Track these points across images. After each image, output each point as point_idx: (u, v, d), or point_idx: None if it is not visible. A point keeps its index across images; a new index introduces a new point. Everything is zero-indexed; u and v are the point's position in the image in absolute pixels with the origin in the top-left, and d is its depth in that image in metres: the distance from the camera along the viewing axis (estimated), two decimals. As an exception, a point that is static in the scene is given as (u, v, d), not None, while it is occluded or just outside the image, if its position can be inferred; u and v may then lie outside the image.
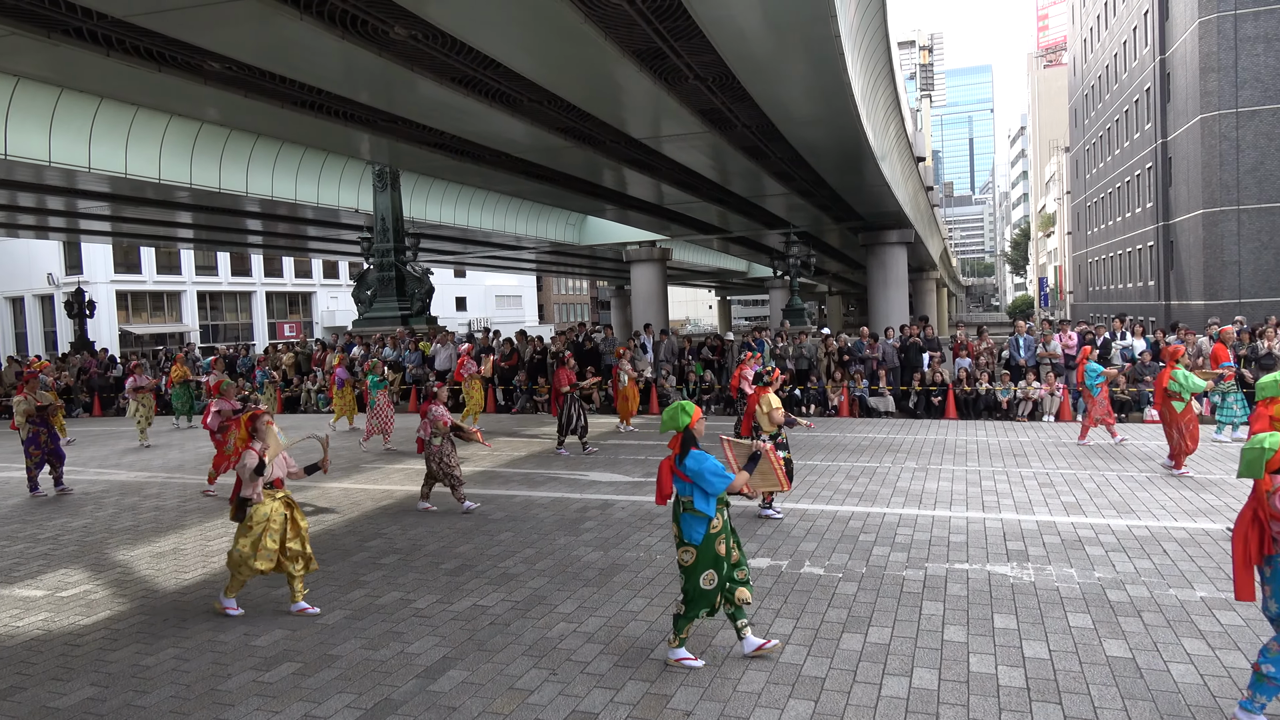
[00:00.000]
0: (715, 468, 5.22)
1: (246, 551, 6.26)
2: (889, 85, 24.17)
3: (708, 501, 5.22)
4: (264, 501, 6.36)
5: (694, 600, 5.18)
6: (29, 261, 51.26)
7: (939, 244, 69.15)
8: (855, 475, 11.02)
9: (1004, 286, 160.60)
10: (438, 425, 9.55)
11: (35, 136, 18.86)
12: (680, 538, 5.26)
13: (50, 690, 5.24)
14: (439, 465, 9.58)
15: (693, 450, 5.30)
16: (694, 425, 5.41)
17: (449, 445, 9.66)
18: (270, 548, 6.31)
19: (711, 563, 5.18)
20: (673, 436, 5.43)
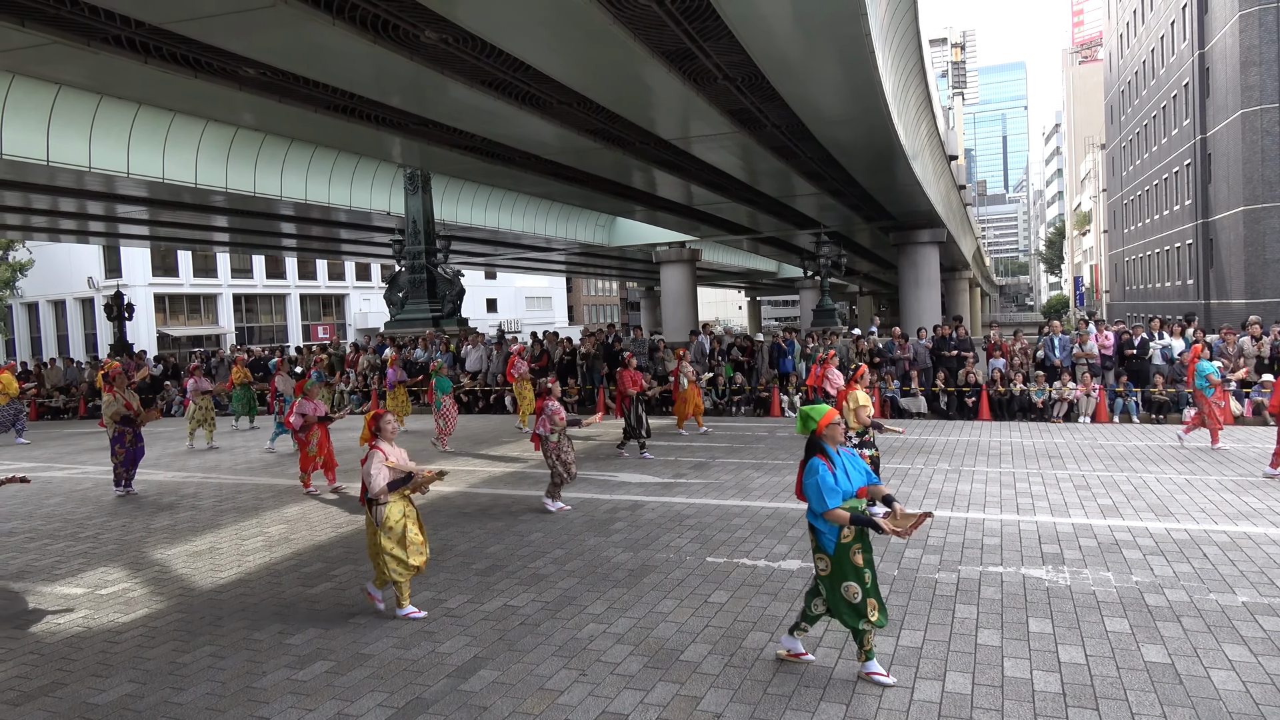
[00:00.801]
0: (822, 484, 4.89)
1: (400, 553, 6.17)
2: (920, 83, 23.96)
3: (817, 518, 4.97)
4: (393, 501, 6.26)
5: (844, 614, 4.92)
6: (70, 265, 52.31)
7: (972, 243, 68.43)
8: (886, 477, 10.93)
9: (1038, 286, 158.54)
10: (555, 421, 9.44)
11: (76, 143, 19.25)
12: (814, 543, 5.05)
13: (90, 686, 5.34)
14: (556, 460, 9.49)
15: (812, 459, 4.99)
16: (822, 430, 5.07)
17: (567, 441, 9.58)
18: (417, 540, 6.24)
19: (852, 574, 4.91)
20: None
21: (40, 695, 5.23)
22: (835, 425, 5.08)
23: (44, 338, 55.62)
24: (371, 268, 67.09)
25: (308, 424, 10.96)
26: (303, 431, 10.99)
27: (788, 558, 7.45)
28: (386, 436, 6.43)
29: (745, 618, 6.04)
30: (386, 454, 6.32)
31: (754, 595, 6.50)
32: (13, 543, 9.19)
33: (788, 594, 6.49)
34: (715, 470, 11.71)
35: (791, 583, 6.75)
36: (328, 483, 11.33)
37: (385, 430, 6.43)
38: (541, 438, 9.50)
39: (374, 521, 6.24)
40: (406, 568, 6.20)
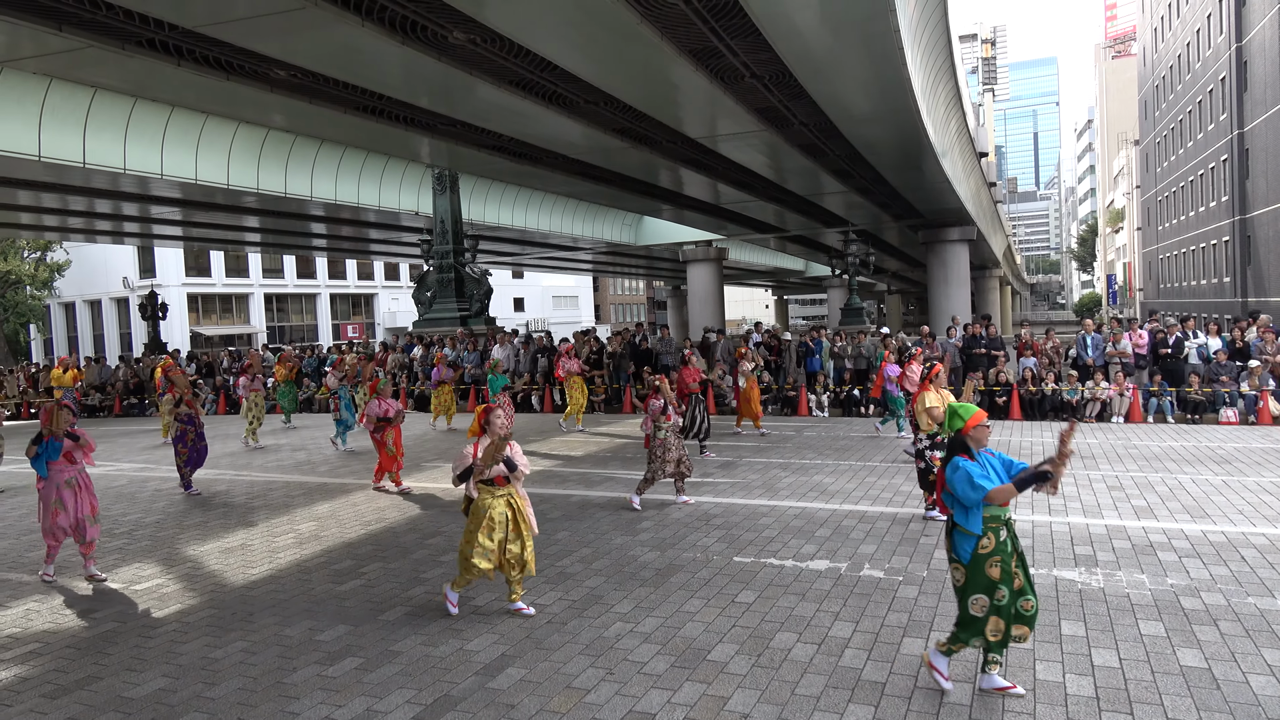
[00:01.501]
0: (967, 475, 4.62)
1: (466, 549, 6.09)
2: (950, 80, 23.73)
3: (968, 516, 4.66)
4: (481, 496, 6.10)
5: (963, 624, 4.69)
6: (105, 266, 53.20)
7: (1002, 241, 67.71)
8: (916, 477, 10.82)
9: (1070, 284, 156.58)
10: (656, 418, 9.43)
11: (111, 145, 19.56)
12: (951, 553, 4.79)
13: (125, 680, 5.42)
14: (662, 456, 9.45)
15: (956, 458, 4.74)
16: (969, 430, 4.79)
17: (673, 438, 9.55)
18: (487, 545, 6.05)
19: (984, 587, 4.62)
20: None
21: (76, 689, 5.32)
22: (983, 427, 4.81)
23: (80, 337, 56.63)
24: (400, 267, 67.63)
25: (379, 425, 10.90)
26: (377, 432, 10.94)
27: (815, 558, 7.40)
28: (494, 432, 6.17)
29: (773, 618, 6.01)
30: (478, 449, 6.11)
31: (781, 595, 6.47)
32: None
33: (815, 594, 6.46)
34: (742, 470, 11.67)
35: (819, 583, 6.71)
36: (394, 484, 11.24)
37: (495, 425, 6.16)
38: (651, 436, 9.54)
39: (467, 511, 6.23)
40: (469, 566, 6.07)
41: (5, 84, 17.00)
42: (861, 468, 11.51)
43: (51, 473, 7.60)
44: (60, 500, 7.55)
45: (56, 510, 7.53)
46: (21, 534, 9.61)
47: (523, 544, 6.15)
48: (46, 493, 7.59)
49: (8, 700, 5.20)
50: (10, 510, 11.04)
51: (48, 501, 7.57)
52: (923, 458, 8.55)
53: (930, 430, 8.40)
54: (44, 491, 7.62)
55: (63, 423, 7.64)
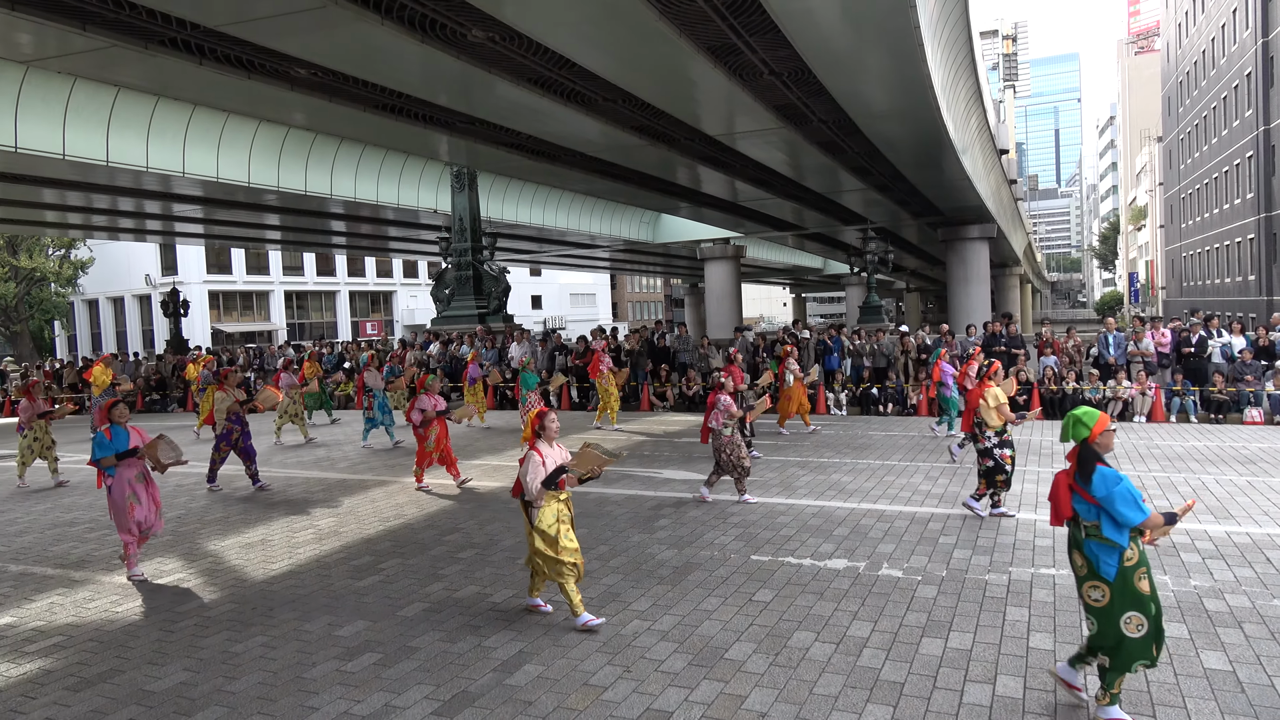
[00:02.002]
0: (1128, 494, 4.30)
1: (549, 553, 5.85)
2: (970, 76, 23.56)
3: (1119, 530, 4.35)
4: (547, 504, 5.95)
5: (1122, 650, 4.32)
6: (128, 263, 53.73)
7: (1023, 239, 67.17)
8: (935, 476, 10.77)
9: (1091, 282, 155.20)
10: (729, 414, 9.40)
11: (134, 143, 19.75)
12: (1087, 570, 4.43)
13: (146, 674, 5.47)
14: (729, 455, 9.42)
15: (1099, 468, 4.41)
16: (1096, 437, 4.52)
17: (740, 435, 9.53)
18: (570, 545, 5.89)
19: (1134, 603, 4.31)
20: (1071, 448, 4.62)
21: (99, 681, 5.38)
22: (1109, 433, 4.54)
23: (104, 333, 57.24)
24: (419, 265, 67.94)
25: (427, 419, 10.89)
26: (422, 427, 10.91)
27: (833, 557, 7.37)
28: (548, 437, 6.06)
29: (791, 617, 5.99)
30: (545, 456, 5.98)
31: (799, 594, 6.45)
32: (74, 533, 9.46)
33: (833, 593, 6.43)
34: (760, 468, 11.64)
35: (838, 582, 6.68)
36: (454, 479, 11.17)
37: (548, 430, 6.04)
38: (713, 431, 9.49)
39: (529, 521, 6.02)
40: (568, 568, 5.86)
41: (31, 84, 17.19)
42: (880, 466, 11.46)
43: (119, 469, 7.58)
44: (135, 494, 7.58)
45: (133, 505, 7.54)
46: (45, 529, 9.72)
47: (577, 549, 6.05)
48: (118, 490, 7.55)
49: (32, 693, 5.26)
50: (34, 504, 11.16)
51: (121, 498, 7.53)
52: (991, 455, 8.39)
53: (998, 427, 8.28)
54: (115, 489, 7.57)
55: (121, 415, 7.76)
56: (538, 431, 6.06)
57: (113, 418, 7.75)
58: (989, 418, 8.30)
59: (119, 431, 7.66)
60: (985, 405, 8.34)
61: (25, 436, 12.58)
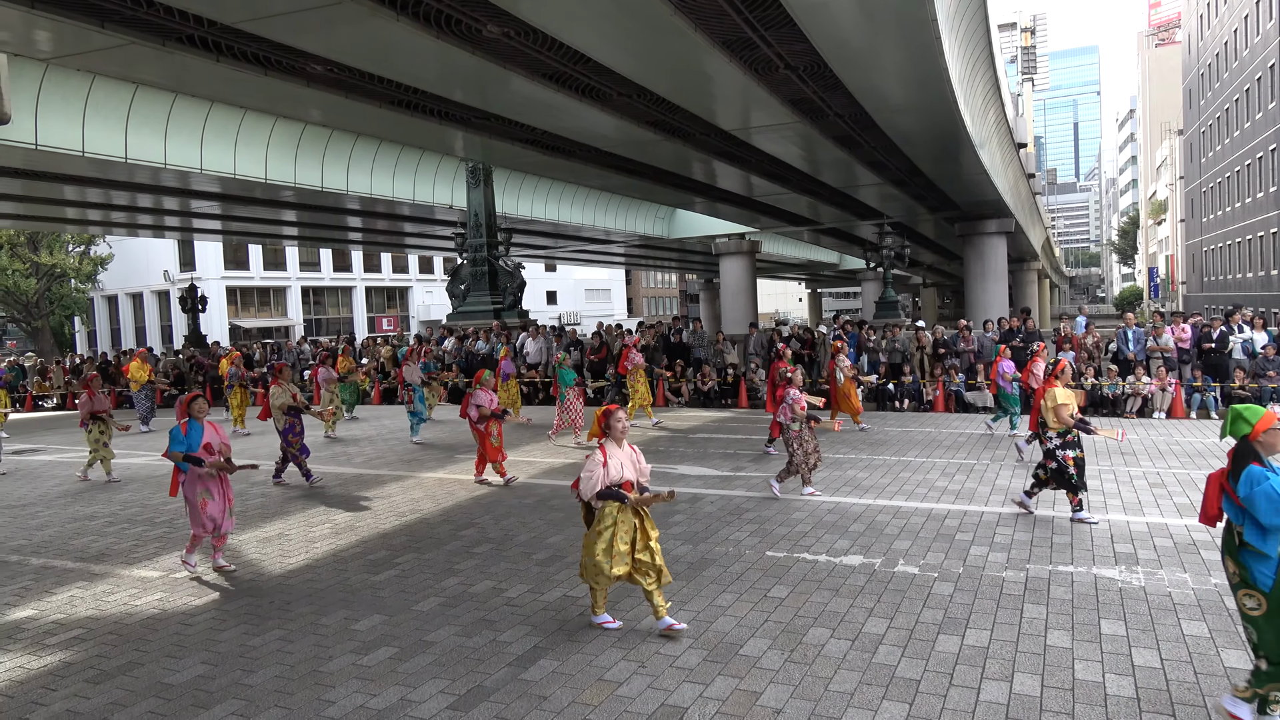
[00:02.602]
0: (1273, 494, 3.93)
1: (600, 559, 5.60)
2: (988, 69, 23.38)
3: (1265, 538, 3.99)
4: (607, 504, 5.69)
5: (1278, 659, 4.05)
6: (147, 259, 54.16)
7: (1041, 233, 66.70)
8: (951, 472, 10.71)
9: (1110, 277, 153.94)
10: (795, 410, 9.33)
11: (152, 140, 19.90)
12: (1239, 579, 4.13)
13: (165, 667, 5.51)
14: (798, 448, 9.35)
15: (1250, 467, 4.07)
16: (1259, 434, 4.14)
17: (809, 431, 9.46)
18: (622, 550, 5.64)
19: None
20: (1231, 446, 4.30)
21: (118, 674, 5.42)
22: (1275, 431, 4.15)
23: (123, 329, 57.75)
24: (434, 260, 68.16)
25: (484, 416, 10.67)
26: (480, 423, 10.71)
27: (849, 553, 7.34)
28: (615, 436, 5.79)
29: (806, 613, 5.97)
30: (608, 455, 5.72)
31: (815, 590, 6.42)
32: (94, 526, 9.55)
33: (849, 590, 6.41)
34: (776, 463, 11.60)
35: (853, 578, 6.65)
36: (499, 475, 11.03)
37: (615, 429, 5.78)
38: (782, 426, 9.48)
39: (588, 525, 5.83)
40: (603, 575, 5.62)
41: (51, 81, 17.34)
42: (896, 463, 11.40)
43: (193, 465, 7.45)
44: (208, 490, 7.47)
45: (205, 501, 7.44)
46: (65, 523, 9.81)
47: (653, 552, 5.72)
48: (191, 486, 7.46)
49: (53, 685, 5.31)
50: (56, 498, 11.27)
51: (193, 494, 7.44)
52: (1054, 457, 8.14)
53: (1060, 429, 8.04)
54: (187, 486, 7.48)
55: (200, 411, 7.61)
56: (604, 429, 5.83)
57: (191, 412, 7.57)
58: (1049, 419, 8.05)
59: (195, 426, 7.51)
60: (1045, 405, 8.07)
61: (90, 431, 12.34)
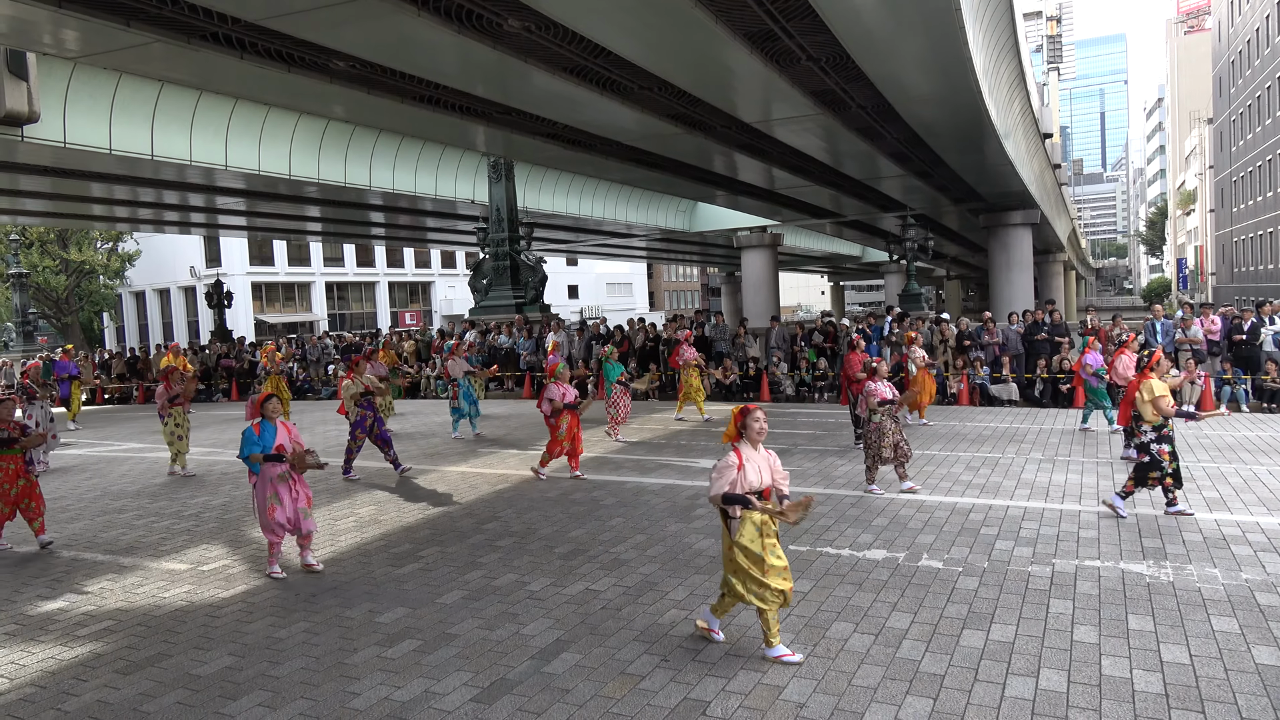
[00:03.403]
0: None
1: (756, 573, 5.05)
2: (1013, 59, 23.12)
3: None
4: (749, 512, 5.14)
5: None
6: (174, 256, 54.76)
7: (1067, 224, 65.97)
8: (976, 466, 10.63)
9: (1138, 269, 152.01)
10: (871, 401, 9.24)
11: (178, 137, 20.09)
12: None
13: (193, 658, 5.58)
14: (880, 440, 9.18)
15: None
16: None
17: (890, 423, 9.25)
18: (779, 564, 5.12)
19: None
20: None
21: (147, 665, 5.50)
22: None
23: (150, 325, 58.45)
24: (456, 255, 68.45)
25: (556, 409, 10.48)
26: (553, 417, 10.50)
27: (872, 547, 7.30)
28: (752, 438, 5.25)
29: (829, 608, 5.95)
30: (744, 459, 5.22)
31: (838, 585, 6.40)
32: (123, 519, 9.68)
33: (872, 584, 6.37)
34: (798, 457, 11.57)
35: (876, 573, 6.62)
36: (572, 470, 10.81)
37: (752, 430, 5.25)
38: (861, 418, 9.32)
39: (728, 533, 5.21)
40: (773, 593, 5.06)
41: (78, 80, 17.55)
42: (919, 456, 11.32)
43: (264, 468, 7.20)
44: (276, 495, 7.19)
45: (273, 506, 7.17)
46: (96, 515, 9.95)
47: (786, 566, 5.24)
48: (261, 489, 7.24)
49: (83, 675, 5.39)
50: (85, 492, 11.43)
51: (263, 498, 7.21)
52: (1148, 451, 7.86)
53: (1156, 422, 7.79)
54: (258, 488, 7.27)
55: (274, 411, 7.37)
56: (740, 429, 5.30)
57: (265, 413, 7.31)
58: (1145, 412, 7.79)
59: (268, 427, 7.27)
60: (1141, 399, 7.83)
61: (166, 424, 12.29)
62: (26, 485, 8.43)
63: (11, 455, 8.36)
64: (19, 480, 8.37)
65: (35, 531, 8.52)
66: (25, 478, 8.43)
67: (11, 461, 8.35)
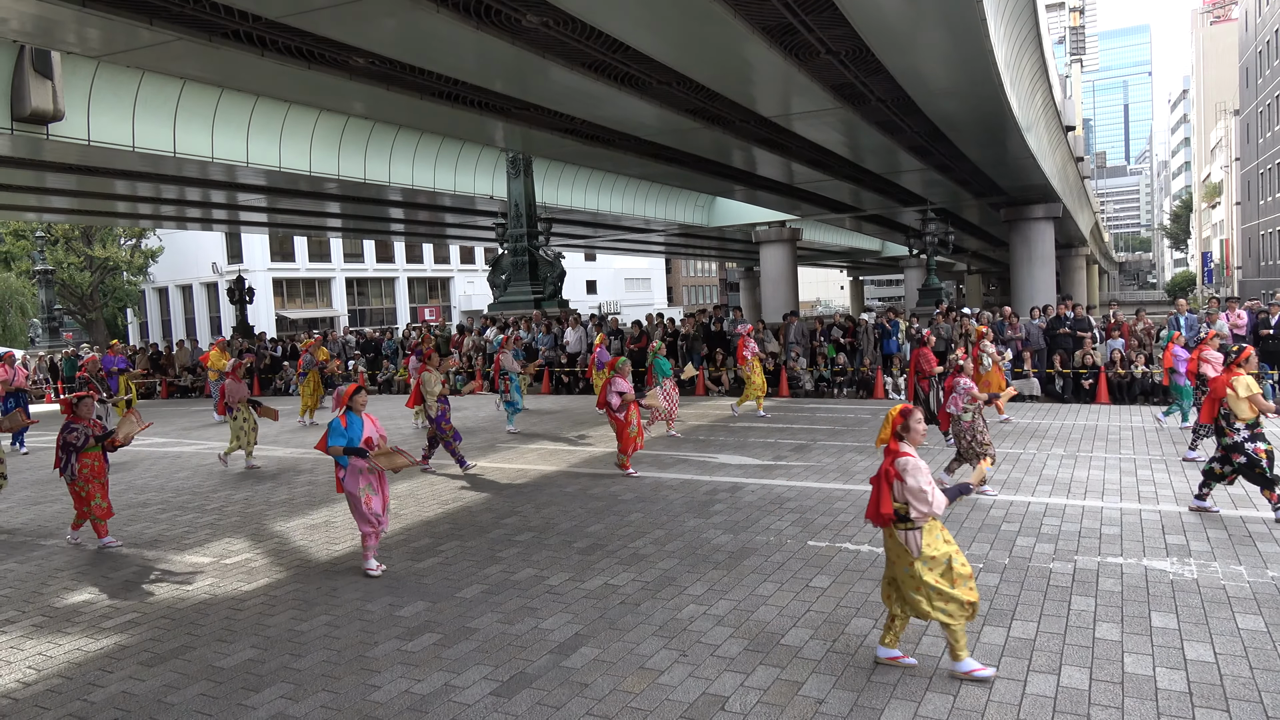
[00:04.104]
0: None
1: (944, 586, 4.71)
2: (1035, 51, 22.89)
3: None
4: (929, 525, 4.80)
5: None
6: (196, 252, 55.25)
7: (1089, 218, 65.29)
8: (997, 462, 10.54)
9: (1162, 263, 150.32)
10: (967, 399, 8.83)
11: (200, 135, 20.26)
12: None
13: (216, 650, 5.64)
14: (969, 441, 8.82)
15: None
16: None
17: (982, 421, 8.90)
18: (965, 572, 4.77)
19: None
20: None
21: (171, 657, 5.56)
22: None
23: (173, 320, 59.01)
24: (475, 251, 68.64)
25: (625, 403, 10.29)
26: (620, 411, 10.28)
27: (892, 543, 7.27)
28: (915, 439, 4.92)
29: (848, 604, 5.93)
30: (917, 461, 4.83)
31: (857, 581, 6.38)
32: (147, 513, 9.79)
33: (892, 580, 6.34)
34: (816, 453, 11.53)
35: (896, 569, 6.58)
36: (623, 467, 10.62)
37: (916, 431, 4.93)
38: (953, 417, 8.86)
39: (907, 547, 4.79)
40: (961, 606, 4.71)
41: (101, 79, 17.72)
42: (940, 451, 11.26)
43: (352, 460, 6.96)
44: (370, 485, 6.99)
45: (369, 496, 6.96)
46: (120, 509, 10.06)
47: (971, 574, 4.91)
48: (352, 481, 6.96)
49: (109, 667, 5.46)
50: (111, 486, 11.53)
51: (355, 489, 6.94)
52: (1243, 451, 7.54)
53: (1250, 419, 7.55)
54: (348, 481, 6.97)
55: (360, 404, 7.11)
56: (899, 433, 4.93)
57: (353, 406, 7.07)
58: (1239, 409, 7.52)
59: (354, 419, 7.04)
60: (1234, 395, 7.57)
61: (234, 419, 12.17)
62: (101, 486, 8.40)
63: (94, 452, 8.35)
64: (95, 480, 8.33)
65: (72, 526, 8.59)
66: (101, 477, 8.38)
67: (95, 458, 8.34)
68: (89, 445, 8.31)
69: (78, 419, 8.32)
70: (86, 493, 8.26)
